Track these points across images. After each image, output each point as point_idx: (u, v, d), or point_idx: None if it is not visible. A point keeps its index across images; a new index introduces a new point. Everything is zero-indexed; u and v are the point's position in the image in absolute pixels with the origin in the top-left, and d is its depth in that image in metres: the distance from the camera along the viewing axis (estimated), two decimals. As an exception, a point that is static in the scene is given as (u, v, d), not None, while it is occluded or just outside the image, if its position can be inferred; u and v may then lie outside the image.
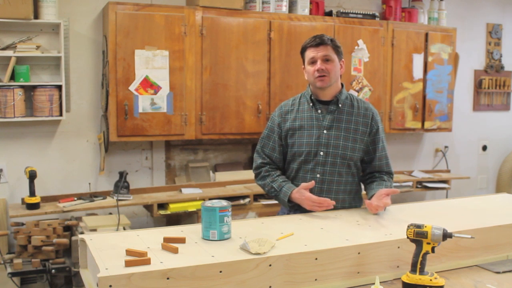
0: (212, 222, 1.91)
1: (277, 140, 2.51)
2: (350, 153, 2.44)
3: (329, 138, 2.42)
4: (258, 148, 2.58)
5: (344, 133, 2.43)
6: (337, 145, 2.42)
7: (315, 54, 2.40)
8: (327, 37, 2.42)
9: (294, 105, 2.53)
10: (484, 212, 2.38)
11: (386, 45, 4.49)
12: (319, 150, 2.42)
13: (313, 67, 2.41)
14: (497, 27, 5.49)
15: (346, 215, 2.32)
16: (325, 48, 2.39)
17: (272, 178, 2.49)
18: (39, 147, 3.80)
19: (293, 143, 2.47)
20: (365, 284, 1.81)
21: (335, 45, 2.43)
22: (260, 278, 1.68)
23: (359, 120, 2.46)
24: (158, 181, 4.16)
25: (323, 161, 2.42)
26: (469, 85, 5.43)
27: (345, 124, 2.44)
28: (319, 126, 2.44)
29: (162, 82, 3.73)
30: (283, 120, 2.51)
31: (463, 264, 2.01)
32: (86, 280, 1.83)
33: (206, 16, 3.83)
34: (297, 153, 2.46)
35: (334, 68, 2.41)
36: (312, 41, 2.42)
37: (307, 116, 2.47)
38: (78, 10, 3.83)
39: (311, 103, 2.47)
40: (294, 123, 2.48)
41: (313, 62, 2.41)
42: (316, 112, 2.46)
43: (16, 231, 3.35)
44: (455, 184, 5.11)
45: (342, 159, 2.43)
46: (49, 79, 3.75)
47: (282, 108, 2.56)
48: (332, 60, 2.40)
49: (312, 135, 2.43)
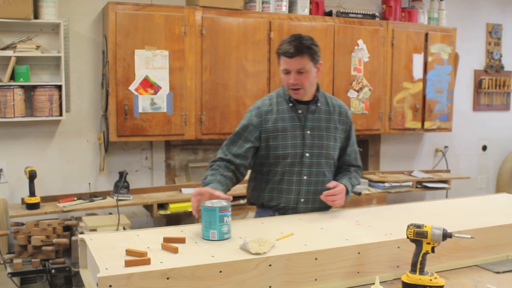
0: (212, 222, 1.91)
1: (252, 140, 2.36)
2: (332, 152, 2.43)
3: (312, 139, 2.39)
4: (225, 144, 2.42)
5: (326, 132, 2.42)
6: (321, 145, 2.40)
7: (288, 67, 2.31)
8: (304, 43, 2.30)
9: (272, 105, 2.42)
10: (484, 212, 2.38)
11: (386, 45, 4.49)
12: (304, 151, 2.38)
13: (286, 77, 2.33)
14: (497, 27, 5.49)
15: (346, 215, 2.32)
16: (300, 59, 2.28)
17: (215, 172, 2.29)
18: (39, 147, 3.80)
19: (276, 146, 2.37)
20: (365, 284, 1.81)
21: (312, 53, 2.31)
22: (260, 278, 1.68)
23: (336, 118, 2.46)
24: (158, 181, 4.16)
25: (309, 162, 2.38)
26: (469, 85, 5.43)
27: (325, 124, 2.43)
28: (301, 127, 2.39)
29: (162, 82, 3.73)
30: (264, 121, 2.39)
31: (463, 264, 2.01)
32: (86, 280, 1.83)
33: (206, 16, 3.83)
34: (282, 156, 2.37)
35: (309, 78, 2.33)
36: (286, 51, 2.29)
37: (289, 117, 2.39)
38: (78, 10, 3.83)
39: (291, 103, 2.40)
40: (277, 125, 2.38)
41: (287, 73, 2.33)
42: (297, 112, 2.40)
43: (16, 231, 3.35)
44: (455, 184, 5.11)
45: (326, 159, 2.42)
46: (49, 79, 3.74)
47: (260, 108, 2.42)
48: (307, 71, 2.31)
49: (296, 136, 2.38)
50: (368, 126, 4.47)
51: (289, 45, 2.30)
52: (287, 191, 2.39)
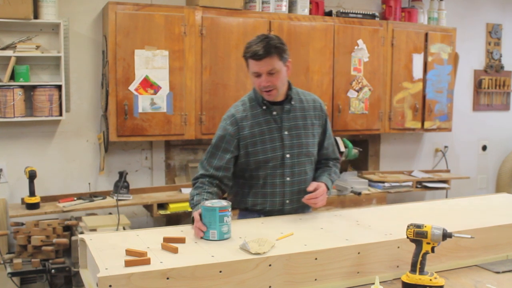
0: (212, 222, 1.91)
1: (232, 149, 2.32)
2: (312, 148, 2.41)
3: (291, 139, 2.35)
4: (204, 159, 2.36)
5: (303, 130, 2.38)
6: (300, 144, 2.37)
7: (258, 69, 2.24)
8: (271, 43, 2.24)
9: (246, 110, 2.36)
10: (484, 212, 2.38)
11: (386, 45, 4.49)
12: (284, 153, 2.34)
13: (257, 80, 2.28)
14: (497, 27, 5.49)
15: (346, 215, 2.32)
16: (269, 60, 2.22)
17: (200, 190, 2.25)
18: (39, 147, 3.80)
19: (256, 151, 2.32)
20: (365, 284, 1.81)
21: (279, 52, 2.25)
22: (260, 278, 1.68)
23: (311, 113, 2.42)
24: (158, 181, 4.16)
25: (291, 163, 2.35)
26: (469, 85, 5.43)
27: (301, 121, 2.39)
28: (279, 129, 2.35)
29: (162, 82, 3.73)
30: (240, 128, 2.33)
31: (463, 264, 2.01)
32: (86, 280, 1.83)
33: (206, 16, 3.83)
34: (263, 161, 2.33)
35: (280, 78, 2.28)
36: (254, 54, 2.22)
37: (264, 121, 2.34)
38: (78, 10, 3.83)
39: (265, 106, 2.35)
40: (253, 130, 2.33)
41: (257, 76, 2.27)
42: (272, 114, 2.35)
43: (16, 231, 3.35)
44: (455, 184, 5.11)
45: (307, 157, 2.39)
46: (49, 79, 3.74)
47: (234, 116, 2.35)
48: (277, 72, 2.26)
49: (275, 139, 2.34)
50: (368, 126, 4.47)
51: (256, 47, 2.23)
52: (271, 194, 2.36)
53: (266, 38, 2.26)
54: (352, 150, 4.45)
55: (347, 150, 4.42)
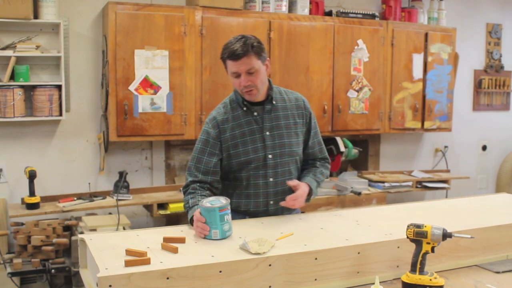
0: (213, 222, 1.91)
1: (214, 153, 2.31)
2: (296, 148, 2.37)
3: (273, 139, 2.32)
4: (191, 165, 2.34)
5: (285, 130, 2.35)
6: (282, 144, 2.34)
7: (237, 69, 2.22)
8: (248, 42, 2.21)
9: (227, 112, 2.35)
10: (484, 212, 2.38)
11: (386, 45, 4.49)
12: (267, 153, 2.31)
13: (237, 81, 2.25)
14: (497, 27, 5.49)
15: (346, 215, 2.32)
16: (247, 59, 2.20)
17: (194, 195, 2.25)
18: (39, 147, 3.80)
19: (238, 153, 2.31)
20: (365, 284, 1.82)
21: (257, 50, 2.23)
22: (260, 278, 1.68)
23: (294, 112, 2.39)
24: (158, 181, 4.16)
25: (273, 164, 2.32)
26: (469, 85, 5.43)
27: (284, 121, 2.35)
28: (260, 129, 2.32)
29: (162, 82, 3.73)
30: (222, 131, 2.32)
31: (463, 264, 2.01)
32: (86, 280, 1.83)
33: (206, 16, 3.83)
34: (245, 162, 2.31)
35: (260, 76, 2.26)
36: (231, 54, 2.21)
37: (245, 122, 2.33)
38: (78, 10, 3.83)
39: (245, 107, 2.33)
40: (234, 132, 2.32)
41: (236, 76, 2.25)
42: (253, 115, 2.33)
43: (16, 231, 3.36)
44: (455, 184, 5.11)
45: (290, 157, 2.36)
46: (49, 79, 3.74)
47: (216, 119, 2.34)
48: (256, 71, 2.23)
49: (256, 140, 2.31)
50: (368, 126, 4.47)
51: (234, 47, 2.21)
52: (255, 195, 2.34)
53: (243, 38, 2.24)
54: (352, 150, 4.45)
55: (347, 150, 4.42)
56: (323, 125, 4.24)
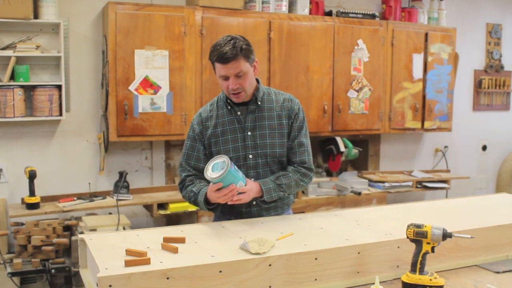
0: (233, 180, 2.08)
1: (202, 149, 2.35)
2: (279, 149, 2.33)
3: (255, 139, 2.31)
4: (182, 161, 2.38)
5: (269, 131, 2.32)
6: (264, 144, 2.31)
7: (226, 72, 2.22)
8: (236, 45, 2.20)
9: (213, 110, 2.37)
10: (484, 212, 2.38)
11: (386, 45, 4.49)
12: (247, 153, 2.31)
13: (225, 83, 2.25)
14: (497, 27, 5.49)
15: (346, 215, 2.32)
16: (236, 63, 2.20)
17: (194, 184, 2.31)
18: (39, 147, 3.80)
19: (218, 151, 2.31)
20: (365, 284, 1.81)
21: (246, 53, 2.23)
22: (260, 278, 1.68)
23: (281, 113, 2.35)
24: (158, 181, 4.16)
25: (254, 164, 2.31)
26: (469, 85, 5.43)
27: (268, 122, 2.33)
28: (242, 129, 2.32)
29: (162, 82, 3.73)
30: (204, 128, 2.36)
31: (463, 264, 2.01)
32: (86, 280, 1.83)
33: (206, 16, 3.83)
34: None
35: (248, 79, 2.26)
36: (219, 57, 2.20)
37: (228, 121, 2.33)
38: (78, 10, 3.83)
39: (229, 106, 2.34)
40: (216, 130, 2.33)
41: (225, 79, 2.25)
42: (236, 114, 2.33)
43: (16, 231, 3.36)
44: (455, 184, 5.11)
45: (272, 158, 2.32)
46: (49, 79, 3.74)
47: (201, 115, 2.39)
48: (245, 74, 2.23)
49: (237, 139, 2.31)
50: (368, 126, 4.47)
51: (222, 50, 2.20)
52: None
53: (232, 40, 2.23)
54: (352, 150, 4.45)
55: (347, 150, 4.42)
56: (323, 125, 4.24)
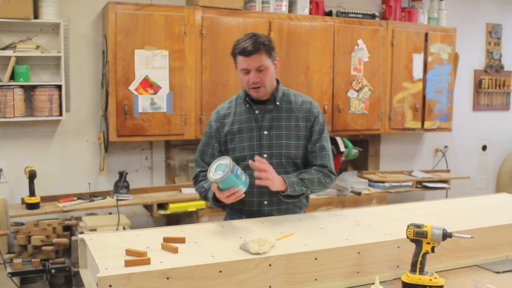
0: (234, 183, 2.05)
1: (216, 146, 2.39)
2: (295, 151, 2.34)
3: (270, 139, 2.32)
4: (197, 157, 2.44)
5: (285, 131, 2.33)
6: (280, 145, 2.32)
7: (247, 65, 2.25)
8: (259, 40, 2.24)
9: (231, 108, 2.40)
10: (484, 212, 2.38)
11: (386, 45, 4.49)
12: (262, 152, 2.32)
13: (246, 77, 2.28)
14: (497, 27, 5.49)
15: (346, 215, 2.32)
16: (258, 56, 2.23)
17: (206, 180, 2.33)
18: (39, 147, 3.80)
19: (234, 148, 2.34)
20: (365, 284, 1.81)
21: (268, 48, 2.26)
22: (260, 278, 1.68)
23: (298, 115, 2.36)
24: (158, 181, 4.16)
25: (268, 163, 2.27)
26: (469, 85, 5.43)
27: (285, 122, 2.34)
28: (258, 128, 2.33)
29: (162, 82, 3.73)
30: (221, 125, 2.39)
31: (463, 264, 2.01)
32: (86, 280, 1.83)
33: (206, 16, 3.83)
34: (240, 158, 2.32)
35: (269, 75, 2.29)
36: (243, 50, 2.23)
37: (245, 119, 2.35)
38: (78, 10, 3.83)
39: (247, 104, 2.36)
40: (233, 127, 2.35)
41: (246, 72, 2.27)
42: (254, 113, 2.35)
43: (16, 231, 3.35)
44: (455, 184, 5.11)
45: (287, 159, 2.33)
46: (49, 79, 3.74)
47: (219, 112, 2.43)
48: (266, 68, 2.27)
49: (253, 137, 2.33)
50: (368, 126, 4.47)
51: (245, 43, 2.24)
52: (249, 194, 2.28)
53: (255, 36, 2.27)
54: (352, 150, 4.45)
55: (347, 150, 4.42)
56: (323, 125, 4.24)
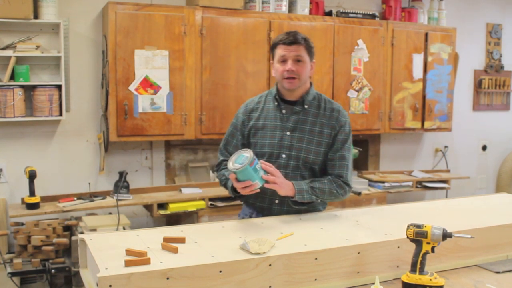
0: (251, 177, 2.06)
1: (240, 138, 2.43)
2: (313, 157, 2.33)
3: (292, 141, 2.33)
4: (221, 146, 2.50)
5: (308, 135, 2.33)
6: (300, 148, 2.32)
7: (286, 53, 2.30)
8: (301, 35, 2.33)
9: (260, 103, 2.44)
10: (484, 212, 2.38)
11: (386, 45, 4.49)
12: (281, 152, 2.33)
13: (282, 66, 2.31)
14: (497, 27, 5.49)
15: (346, 215, 2.32)
16: (298, 47, 2.30)
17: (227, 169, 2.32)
18: (39, 147, 3.80)
19: (255, 143, 2.38)
20: (365, 284, 1.81)
21: (308, 45, 2.34)
22: (260, 278, 1.68)
23: (324, 122, 2.35)
24: (158, 181, 4.16)
25: (285, 164, 2.32)
26: (469, 85, 5.43)
27: (309, 126, 2.34)
28: (282, 128, 2.35)
29: (162, 82, 3.73)
30: (248, 118, 2.43)
31: (463, 264, 2.01)
32: (86, 280, 1.83)
33: (206, 16, 3.83)
34: (259, 154, 2.34)
35: (305, 69, 2.32)
36: (285, 38, 2.31)
37: (271, 116, 2.38)
38: (78, 10, 3.83)
39: (276, 102, 2.39)
40: (258, 122, 2.39)
41: (283, 61, 2.31)
42: (281, 112, 2.37)
43: (16, 231, 3.35)
44: (455, 184, 5.11)
45: (304, 163, 2.33)
46: (49, 79, 3.74)
47: (247, 105, 2.47)
48: (303, 61, 2.31)
49: (275, 136, 2.34)
50: (368, 126, 4.47)
51: (286, 35, 2.33)
52: (263, 190, 2.26)
53: (297, 31, 2.36)
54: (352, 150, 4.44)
55: (347, 150, 4.41)
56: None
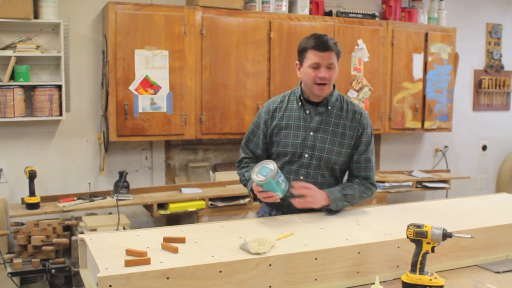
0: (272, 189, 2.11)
1: (262, 137, 2.45)
2: (335, 157, 2.37)
3: (315, 141, 2.36)
4: (243, 143, 2.54)
5: (330, 136, 2.37)
6: (323, 148, 2.36)
7: (320, 60, 2.30)
8: (332, 41, 2.32)
9: (283, 102, 2.46)
10: (484, 212, 2.38)
11: (386, 45, 4.49)
12: (304, 152, 2.36)
13: (314, 72, 2.31)
14: (497, 27, 5.49)
15: (346, 215, 2.32)
16: (330, 54, 2.30)
17: (248, 168, 2.45)
18: (39, 147, 3.80)
19: (278, 142, 2.41)
20: (365, 284, 1.81)
21: (338, 50, 2.34)
22: (260, 278, 1.68)
23: (346, 123, 2.39)
24: (158, 181, 4.16)
25: (307, 163, 2.37)
26: (469, 85, 5.43)
27: (332, 127, 2.38)
28: (305, 128, 2.38)
29: (162, 82, 3.73)
30: (271, 118, 2.44)
31: (463, 264, 2.01)
32: (86, 280, 1.83)
33: (206, 16, 3.83)
34: (282, 153, 2.39)
35: (335, 75, 2.35)
36: (318, 45, 2.29)
37: (295, 116, 2.40)
38: (78, 10, 3.83)
39: (300, 102, 2.41)
40: (281, 122, 2.42)
41: (316, 67, 2.31)
42: (304, 112, 2.39)
43: (16, 231, 3.35)
44: (455, 184, 5.11)
45: (326, 163, 2.37)
46: (49, 79, 3.74)
47: (270, 105, 2.49)
48: (334, 68, 2.33)
49: (298, 136, 2.38)
50: (368, 126, 4.46)
51: (319, 40, 2.30)
52: None
53: (326, 36, 2.33)
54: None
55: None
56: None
